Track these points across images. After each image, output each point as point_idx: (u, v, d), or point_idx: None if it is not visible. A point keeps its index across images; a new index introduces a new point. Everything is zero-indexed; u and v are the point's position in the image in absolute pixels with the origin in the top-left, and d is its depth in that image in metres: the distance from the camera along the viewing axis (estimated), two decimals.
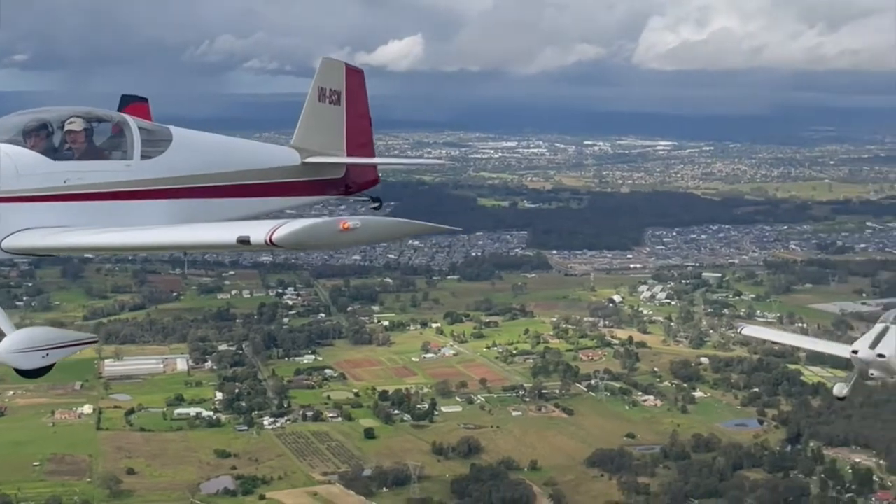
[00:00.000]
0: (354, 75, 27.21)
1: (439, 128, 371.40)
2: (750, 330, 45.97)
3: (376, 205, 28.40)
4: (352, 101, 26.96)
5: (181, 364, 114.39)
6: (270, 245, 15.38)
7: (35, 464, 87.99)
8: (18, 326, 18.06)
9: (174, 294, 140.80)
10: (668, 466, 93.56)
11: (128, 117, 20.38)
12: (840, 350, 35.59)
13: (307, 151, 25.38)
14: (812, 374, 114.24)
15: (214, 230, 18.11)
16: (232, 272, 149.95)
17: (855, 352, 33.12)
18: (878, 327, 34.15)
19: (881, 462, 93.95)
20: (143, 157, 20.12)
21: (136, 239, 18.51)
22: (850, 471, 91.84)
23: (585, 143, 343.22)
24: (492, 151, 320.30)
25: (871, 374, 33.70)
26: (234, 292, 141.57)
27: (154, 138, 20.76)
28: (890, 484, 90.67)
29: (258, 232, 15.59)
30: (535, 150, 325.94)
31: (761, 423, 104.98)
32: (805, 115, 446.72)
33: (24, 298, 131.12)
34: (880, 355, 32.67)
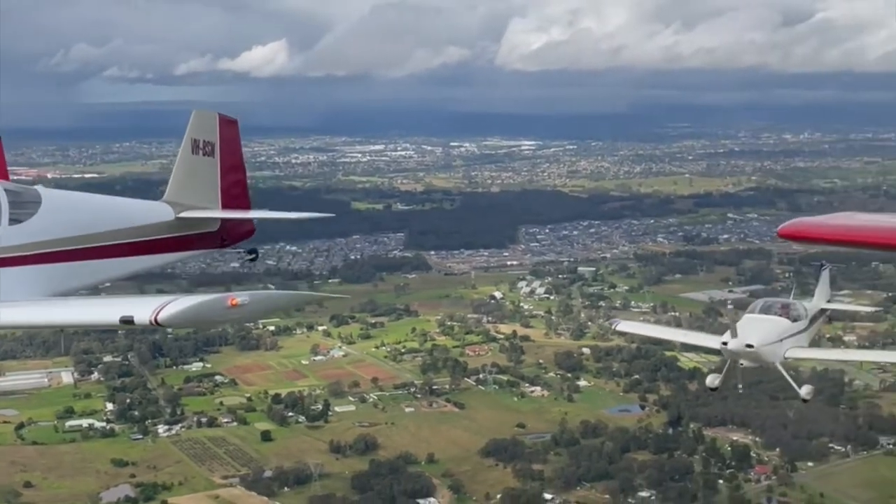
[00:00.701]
0: (228, 125, 26.95)
1: (305, 133, 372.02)
2: (624, 325, 47.76)
3: (252, 256, 29.15)
4: (226, 152, 26.66)
5: (66, 377, 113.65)
6: (155, 325, 15.28)
7: None
8: None
9: None
10: (559, 453, 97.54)
11: None
12: (711, 341, 37.68)
13: (181, 206, 25.06)
14: (687, 359, 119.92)
15: (97, 308, 17.92)
16: (107, 284, 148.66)
17: (725, 343, 35.08)
18: (745, 317, 36.69)
19: (757, 439, 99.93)
20: (12, 221, 19.38)
21: (13, 317, 17.78)
22: (728, 448, 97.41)
23: (452, 144, 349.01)
24: (359, 155, 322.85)
25: (741, 364, 35.83)
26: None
27: (22, 201, 20.10)
28: (766, 459, 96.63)
29: (142, 311, 15.41)
30: (402, 153, 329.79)
31: (643, 408, 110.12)
32: (661, 112, 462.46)
33: None
34: (749, 345, 34.78)
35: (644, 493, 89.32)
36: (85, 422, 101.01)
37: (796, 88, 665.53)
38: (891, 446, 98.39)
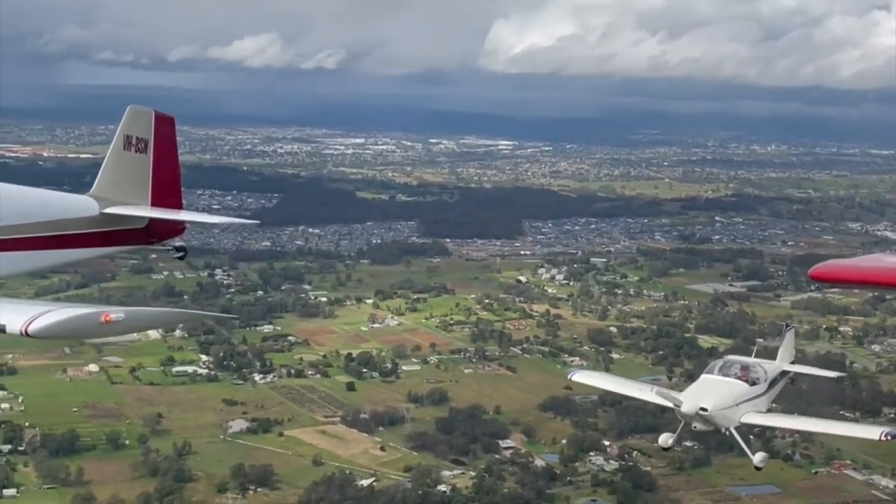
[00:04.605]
0: (164, 122, 27.12)
1: (285, 123, 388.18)
2: (580, 376, 44.71)
3: (181, 254, 28.73)
4: (160, 150, 26.75)
5: (153, 333, 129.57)
6: (25, 335, 15.79)
7: (73, 410, 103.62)
8: None
9: (108, 275, 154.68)
10: (606, 411, 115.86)
11: None
12: (666, 402, 37.41)
13: (107, 201, 25.20)
14: (704, 340, 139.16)
15: None
16: (153, 255, 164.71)
17: (677, 405, 35.75)
18: (703, 378, 37.61)
19: (775, 405, 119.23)
20: None
21: None
22: None
23: (431, 140, 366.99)
24: (343, 147, 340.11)
25: (695, 427, 36.39)
26: (165, 273, 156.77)
27: None
28: None
29: (15, 321, 15.95)
30: (384, 147, 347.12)
31: (670, 378, 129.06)
32: (632, 118, 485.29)
33: None
34: (703, 409, 35.34)
35: (688, 443, 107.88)
36: (188, 368, 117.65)
37: (762, 100, 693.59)
38: (892, 415, 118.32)
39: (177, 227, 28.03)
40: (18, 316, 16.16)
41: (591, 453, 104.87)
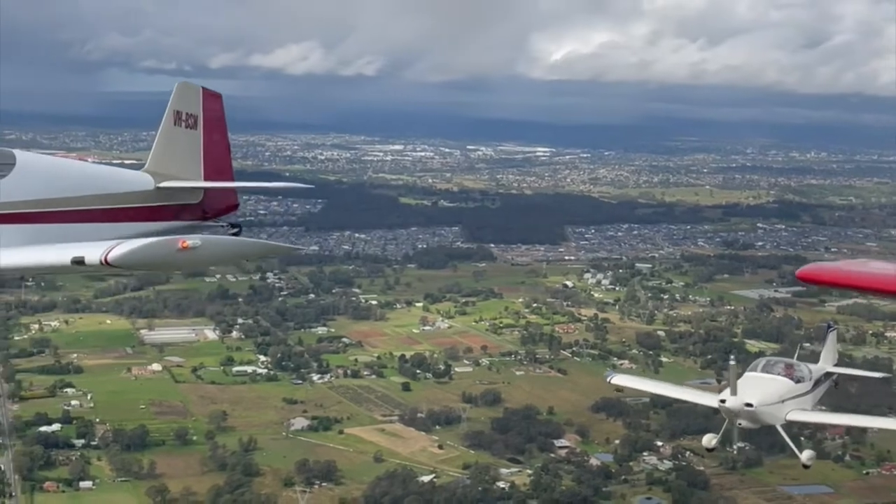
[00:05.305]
0: (212, 99, 28.28)
1: (325, 130, 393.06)
2: (619, 379, 46.00)
3: (235, 230, 29.44)
4: (209, 126, 27.89)
5: (210, 334, 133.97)
6: (106, 265, 16.04)
7: (141, 406, 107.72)
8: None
9: (164, 278, 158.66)
10: (657, 412, 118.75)
11: None
12: (708, 399, 38.30)
13: (161, 176, 25.83)
14: (752, 345, 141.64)
15: (49, 251, 18.67)
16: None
17: (723, 401, 35.91)
18: (746, 375, 37.66)
19: (823, 407, 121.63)
20: None
21: None
22: None
23: (468, 147, 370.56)
24: (382, 154, 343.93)
25: (739, 424, 36.58)
26: (218, 276, 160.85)
27: None
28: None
29: (93, 252, 16.22)
30: (422, 154, 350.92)
31: (719, 381, 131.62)
32: (671, 125, 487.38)
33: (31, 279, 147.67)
34: (748, 404, 35.39)
35: (741, 444, 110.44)
36: (248, 368, 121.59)
37: (802, 108, 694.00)
38: None
39: (230, 205, 29.13)
40: (96, 248, 16.46)
41: (645, 453, 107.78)
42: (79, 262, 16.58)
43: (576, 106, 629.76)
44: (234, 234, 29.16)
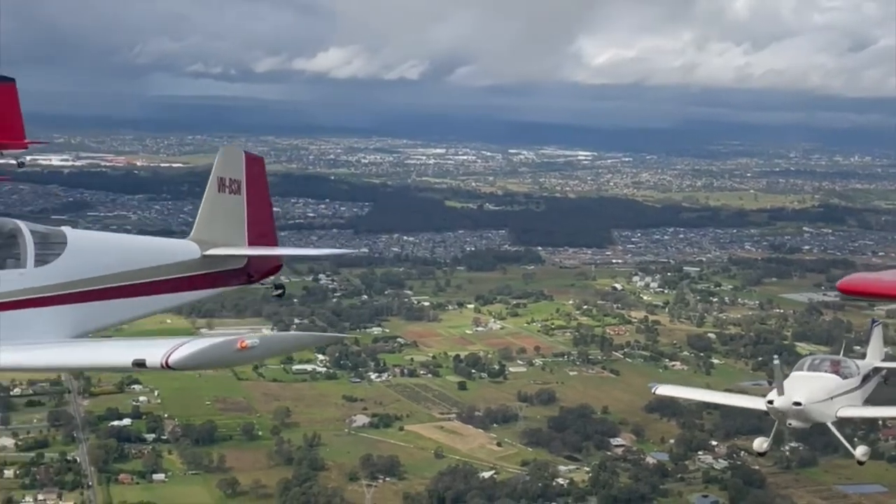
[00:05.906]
0: (254, 163, 28.16)
1: (367, 134, 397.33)
2: (664, 389, 45.52)
3: (279, 291, 30.16)
4: (252, 190, 27.71)
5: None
6: (166, 368, 16.23)
7: (206, 403, 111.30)
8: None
9: None
10: (710, 413, 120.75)
11: (20, 223, 20.81)
12: (755, 403, 37.21)
13: (207, 244, 26.15)
14: (802, 347, 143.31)
15: (111, 351, 18.94)
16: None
17: (770, 402, 34.73)
18: (793, 374, 36.57)
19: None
20: (38, 263, 20.43)
21: (28, 360, 18.93)
22: None
23: (510, 150, 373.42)
24: (424, 157, 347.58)
25: (789, 424, 35.49)
26: (273, 276, 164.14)
27: (48, 242, 21.23)
28: (890, 424, 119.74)
29: (154, 354, 16.46)
30: (464, 158, 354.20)
31: (770, 383, 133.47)
32: (713, 129, 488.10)
33: None
34: (796, 403, 34.22)
35: (794, 444, 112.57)
36: (307, 367, 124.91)
37: (846, 111, 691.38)
38: None
39: (274, 266, 29.22)
40: (156, 349, 16.64)
41: (700, 452, 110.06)
42: (140, 364, 16.83)
43: (618, 110, 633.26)
44: (278, 296, 30.51)
